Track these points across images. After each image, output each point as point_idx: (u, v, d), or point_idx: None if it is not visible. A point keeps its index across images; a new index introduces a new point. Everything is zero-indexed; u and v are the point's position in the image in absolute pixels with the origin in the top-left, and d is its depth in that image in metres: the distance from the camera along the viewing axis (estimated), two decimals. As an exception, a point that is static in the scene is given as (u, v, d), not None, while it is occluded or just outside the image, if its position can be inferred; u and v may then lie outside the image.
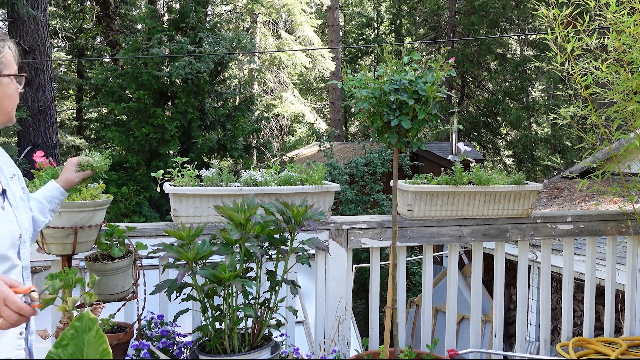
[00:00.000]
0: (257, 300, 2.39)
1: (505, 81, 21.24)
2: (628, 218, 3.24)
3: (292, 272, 2.67)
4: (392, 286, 2.63)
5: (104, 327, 2.35)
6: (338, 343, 2.84)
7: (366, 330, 3.06)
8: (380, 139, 2.56)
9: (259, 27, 17.78)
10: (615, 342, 3.15)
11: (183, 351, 2.60)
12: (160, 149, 10.41)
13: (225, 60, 11.35)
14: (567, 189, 8.97)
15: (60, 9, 16.37)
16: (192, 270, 2.24)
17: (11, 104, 1.50)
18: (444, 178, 2.99)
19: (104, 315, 2.39)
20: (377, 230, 2.94)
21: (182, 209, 2.65)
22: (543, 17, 3.08)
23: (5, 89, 1.47)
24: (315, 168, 2.89)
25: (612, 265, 3.32)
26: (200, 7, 11.14)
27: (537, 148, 20.99)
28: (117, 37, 14.36)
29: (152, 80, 10.36)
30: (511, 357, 4.87)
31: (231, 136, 11.18)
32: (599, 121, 3.12)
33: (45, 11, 9.63)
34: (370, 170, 11.33)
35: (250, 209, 2.28)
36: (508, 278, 6.60)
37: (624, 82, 3.01)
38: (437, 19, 22.02)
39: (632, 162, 3.32)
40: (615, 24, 2.99)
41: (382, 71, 2.50)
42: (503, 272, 3.15)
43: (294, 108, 18.44)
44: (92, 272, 2.29)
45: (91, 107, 16.49)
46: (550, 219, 3.17)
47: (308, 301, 4.74)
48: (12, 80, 1.48)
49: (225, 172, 2.79)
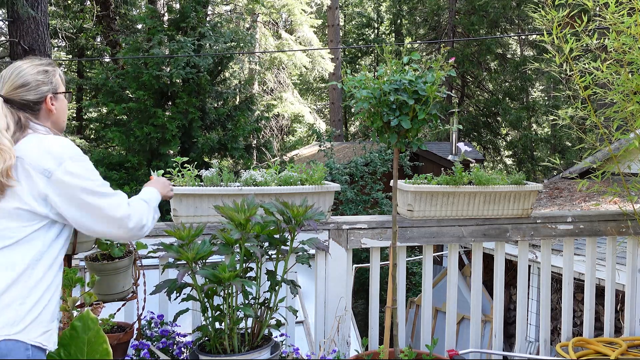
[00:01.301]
0: (257, 300, 2.39)
1: (505, 81, 21.23)
2: (628, 218, 3.24)
3: (292, 272, 2.67)
4: (392, 286, 2.63)
5: (104, 327, 2.35)
6: (338, 343, 2.85)
7: (366, 330, 3.06)
8: (380, 139, 2.56)
9: (259, 27, 17.78)
10: (615, 342, 3.15)
11: (183, 351, 2.60)
12: (161, 149, 10.40)
13: (225, 58, 11.35)
14: (567, 189, 8.97)
15: (60, 9, 16.37)
16: (192, 270, 2.24)
17: (65, 115, 1.89)
18: (444, 178, 2.99)
19: (104, 315, 2.40)
20: (377, 230, 2.94)
21: (182, 209, 2.65)
22: (540, 20, 3.08)
23: (62, 103, 1.86)
24: (315, 168, 2.89)
25: (612, 266, 3.32)
26: (201, 7, 11.14)
27: (537, 148, 20.98)
28: (117, 37, 14.35)
29: (153, 81, 10.35)
30: (511, 357, 4.87)
31: (231, 136, 11.17)
32: (599, 122, 3.12)
33: (45, 11, 9.62)
34: (370, 170, 11.33)
35: (250, 209, 2.28)
36: (508, 278, 6.60)
37: (624, 83, 3.01)
38: (437, 19, 22.01)
39: (632, 162, 3.32)
40: (614, 24, 2.99)
41: (382, 71, 2.50)
42: (503, 272, 3.15)
43: (294, 108, 18.44)
44: (92, 272, 2.29)
45: (91, 107, 16.48)
46: (550, 219, 3.17)
47: (308, 301, 4.74)
48: (64, 97, 1.88)
49: (225, 172, 2.80)
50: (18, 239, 1.61)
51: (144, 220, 1.78)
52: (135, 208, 1.77)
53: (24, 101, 1.75)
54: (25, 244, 1.62)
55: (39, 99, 1.77)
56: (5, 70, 1.79)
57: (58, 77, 1.85)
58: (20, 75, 1.76)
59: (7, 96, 1.74)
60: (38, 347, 1.59)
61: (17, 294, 1.57)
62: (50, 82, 1.80)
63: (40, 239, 1.64)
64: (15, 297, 1.57)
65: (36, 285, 1.60)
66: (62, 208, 1.65)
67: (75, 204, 1.66)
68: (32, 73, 1.77)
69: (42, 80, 1.78)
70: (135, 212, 1.76)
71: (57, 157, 1.65)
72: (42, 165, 1.64)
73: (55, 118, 1.82)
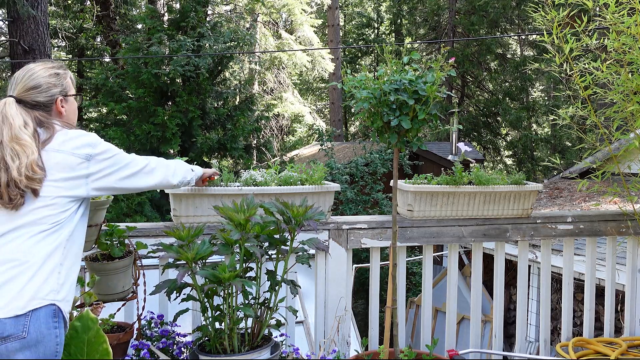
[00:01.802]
0: (257, 300, 2.39)
1: (505, 81, 21.22)
2: (628, 218, 3.24)
3: (292, 272, 2.67)
4: (392, 286, 2.63)
5: (104, 326, 2.35)
6: (338, 343, 2.85)
7: (366, 330, 3.06)
8: (380, 139, 2.56)
9: (259, 27, 17.78)
10: (615, 343, 3.15)
11: (183, 351, 2.60)
12: (161, 148, 10.40)
13: (225, 59, 11.34)
14: (567, 189, 8.97)
15: (60, 9, 16.36)
16: (192, 271, 2.24)
17: (75, 117, 2.01)
18: (444, 178, 2.99)
19: (104, 315, 2.40)
20: (377, 230, 2.94)
21: (182, 209, 2.65)
22: (540, 20, 3.08)
23: (72, 105, 1.97)
24: (315, 168, 2.89)
25: (612, 266, 3.32)
26: (201, 7, 11.13)
27: (537, 148, 20.97)
28: (117, 36, 14.34)
29: (152, 79, 10.35)
30: (511, 357, 4.87)
31: (231, 136, 11.17)
32: (599, 122, 3.12)
33: (45, 11, 9.61)
34: (371, 170, 11.34)
35: (250, 209, 2.28)
36: (508, 278, 6.60)
37: (624, 83, 3.01)
38: (437, 19, 22.00)
39: (632, 162, 3.32)
40: (614, 24, 2.99)
41: (382, 71, 2.50)
42: (503, 272, 3.15)
43: (294, 108, 18.44)
44: (92, 272, 2.29)
45: (91, 107, 16.48)
46: (550, 219, 3.17)
47: (308, 301, 4.75)
48: (74, 99, 1.99)
49: (225, 172, 2.79)
50: (58, 222, 1.76)
51: (169, 177, 2.09)
52: (160, 167, 2.06)
53: (35, 102, 1.86)
54: (64, 227, 1.79)
55: (49, 101, 1.88)
56: (18, 72, 1.90)
57: (69, 79, 1.95)
58: (32, 77, 1.86)
59: (20, 97, 1.85)
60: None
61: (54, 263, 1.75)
62: (60, 84, 1.91)
63: (73, 221, 1.82)
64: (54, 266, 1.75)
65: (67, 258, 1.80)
66: (107, 181, 1.86)
67: (117, 176, 1.88)
68: (44, 76, 1.88)
69: (53, 83, 1.89)
70: (159, 170, 2.04)
71: (90, 143, 1.83)
72: (80, 151, 1.80)
73: (65, 119, 1.93)
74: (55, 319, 1.69)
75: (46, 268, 1.70)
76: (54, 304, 1.69)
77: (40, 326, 1.65)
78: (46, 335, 1.66)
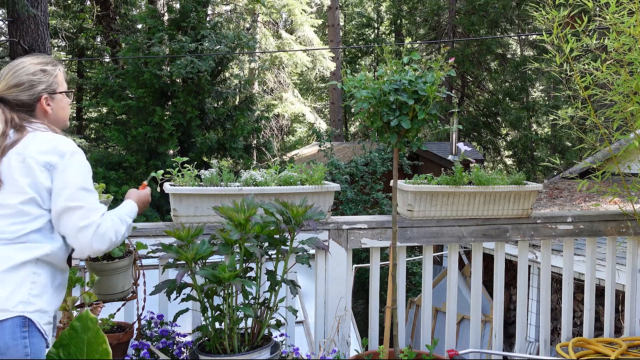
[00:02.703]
0: (256, 300, 2.39)
1: (505, 81, 21.21)
2: (628, 218, 3.24)
3: (292, 272, 2.67)
4: (392, 286, 2.63)
5: (104, 327, 2.35)
6: (338, 343, 2.84)
7: (366, 330, 3.06)
8: (380, 139, 2.56)
9: (260, 27, 17.77)
10: (615, 343, 3.15)
11: (183, 351, 2.60)
12: (159, 148, 10.40)
13: (225, 60, 11.34)
14: (567, 190, 8.97)
15: (60, 9, 16.36)
16: (192, 271, 2.24)
17: (65, 114, 1.88)
18: (444, 178, 2.99)
19: (104, 315, 2.40)
20: (377, 230, 2.94)
21: (182, 209, 2.65)
22: (540, 20, 3.07)
23: (60, 103, 1.85)
24: (315, 168, 2.89)
25: (612, 266, 3.32)
26: (201, 7, 11.13)
27: (537, 148, 20.97)
28: (117, 36, 14.34)
29: (153, 79, 10.35)
30: (511, 357, 4.87)
31: (231, 136, 11.17)
32: (599, 122, 3.12)
33: (45, 11, 9.61)
34: (370, 170, 11.34)
35: (250, 209, 2.28)
36: (508, 278, 6.60)
37: (624, 83, 3.01)
38: (437, 19, 21.99)
39: (632, 162, 3.31)
40: (615, 24, 2.99)
41: (382, 71, 2.50)
42: (503, 273, 3.15)
43: (294, 108, 18.43)
44: (92, 272, 2.29)
45: (91, 107, 16.49)
46: (550, 219, 3.17)
47: (308, 301, 4.74)
48: (64, 96, 1.87)
49: (225, 172, 2.79)
50: (24, 234, 1.65)
51: (111, 236, 1.73)
52: (107, 221, 1.73)
53: (18, 101, 1.76)
54: (31, 242, 1.67)
55: (32, 100, 1.78)
56: (5, 68, 1.81)
57: (59, 76, 1.84)
58: (15, 74, 1.76)
59: (2, 95, 1.76)
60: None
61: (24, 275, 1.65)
62: (47, 81, 1.80)
63: (47, 239, 1.70)
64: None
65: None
66: (53, 198, 1.68)
67: (65, 196, 1.67)
68: (28, 73, 1.77)
69: (37, 80, 1.78)
70: (104, 226, 1.71)
71: (58, 151, 1.69)
72: (44, 160, 1.67)
73: (52, 118, 1.83)
74: (25, 328, 1.61)
75: (12, 279, 1.62)
76: (22, 315, 1.61)
77: (5, 337, 1.58)
78: (11, 347, 1.58)
